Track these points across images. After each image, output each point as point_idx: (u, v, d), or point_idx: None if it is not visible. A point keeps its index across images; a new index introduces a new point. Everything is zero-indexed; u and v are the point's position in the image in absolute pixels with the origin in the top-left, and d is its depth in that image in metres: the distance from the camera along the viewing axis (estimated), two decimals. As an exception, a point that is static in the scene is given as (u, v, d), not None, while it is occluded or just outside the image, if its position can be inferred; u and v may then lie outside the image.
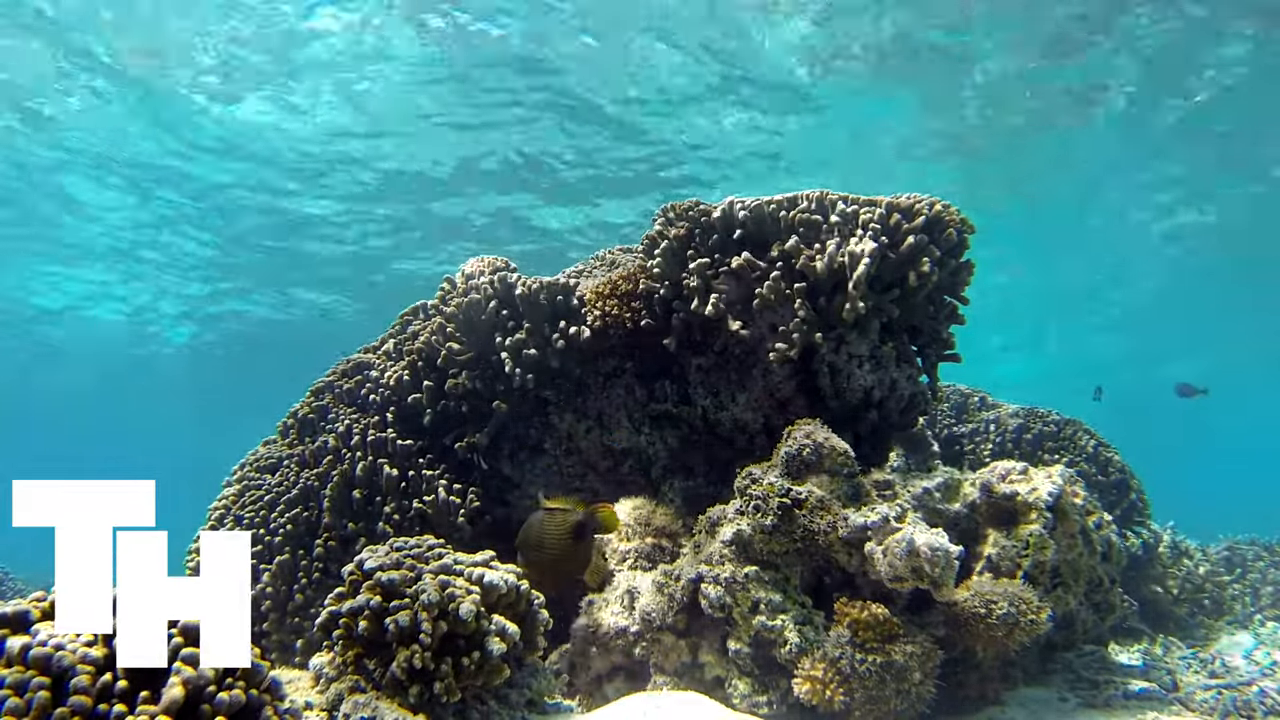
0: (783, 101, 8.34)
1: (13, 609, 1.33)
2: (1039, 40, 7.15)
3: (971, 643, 2.27)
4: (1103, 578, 2.83)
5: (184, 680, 1.26)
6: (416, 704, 1.83)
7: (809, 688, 2.12)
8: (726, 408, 2.89)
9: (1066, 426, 4.21)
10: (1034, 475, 2.60)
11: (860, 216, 2.62)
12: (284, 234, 11.61)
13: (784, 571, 2.34)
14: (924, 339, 2.95)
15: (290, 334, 15.55)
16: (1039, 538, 2.46)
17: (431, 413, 3.05)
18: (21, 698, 1.17)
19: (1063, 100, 8.14)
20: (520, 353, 2.89)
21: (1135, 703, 2.57)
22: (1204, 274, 12.56)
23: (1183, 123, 8.39)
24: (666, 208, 3.02)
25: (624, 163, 9.59)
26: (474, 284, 3.16)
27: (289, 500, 2.95)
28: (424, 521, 2.81)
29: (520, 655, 2.12)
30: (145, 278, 13.13)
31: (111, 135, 8.77)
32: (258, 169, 9.65)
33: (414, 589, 1.91)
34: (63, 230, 11.23)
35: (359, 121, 8.62)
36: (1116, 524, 3.46)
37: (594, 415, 3.05)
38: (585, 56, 7.48)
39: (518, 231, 11.43)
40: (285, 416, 3.54)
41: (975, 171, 9.70)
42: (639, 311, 2.94)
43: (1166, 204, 10.73)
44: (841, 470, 2.40)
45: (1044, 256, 12.59)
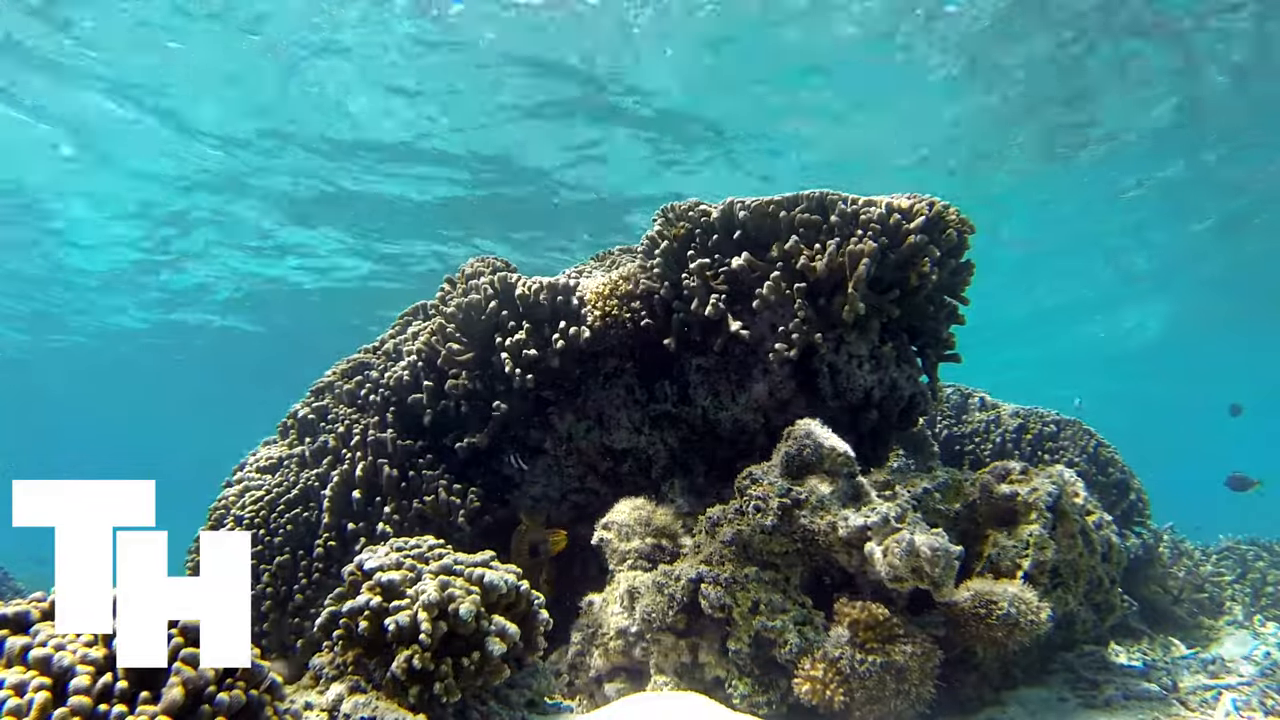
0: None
1: (13, 609, 1.33)
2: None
3: (971, 643, 2.27)
4: (1103, 578, 2.83)
5: (184, 680, 1.26)
6: (416, 704, 1.83)
7: (809, 688, 2.12)
8: (726, 408, 2.89)
9: (1066, 427, 4.21)
10: (1034, 475, 2.60)
11: (860, 217, 2.62)
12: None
13: (784, 571, 2.34)
14: (924, 339, 2.95)
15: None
16: (1039, 538, 2.46)
17: (431, 413, 3.04)
18: (22, 698, 1.17)
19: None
20: (520, 353, 2.89)
21: (1135, 703, 2.57)
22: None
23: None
24: (666, 208, 3.02)
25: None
26: (474, 284, 3.16)
27: (289, 500, 2.95)
28: (424, 521, 2.81)
29: (520, 655, 2.12)
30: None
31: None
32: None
33: (414, 589, 1.91)
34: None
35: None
36: (1116, 524, 3.46)
37: (594, 415, 3.05)
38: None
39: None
40: (285, 417, 3.54)
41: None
42: (639, 312, 2.94)
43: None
44: (841, 470, 2.40)
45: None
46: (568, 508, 3.15)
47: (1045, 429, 4.20)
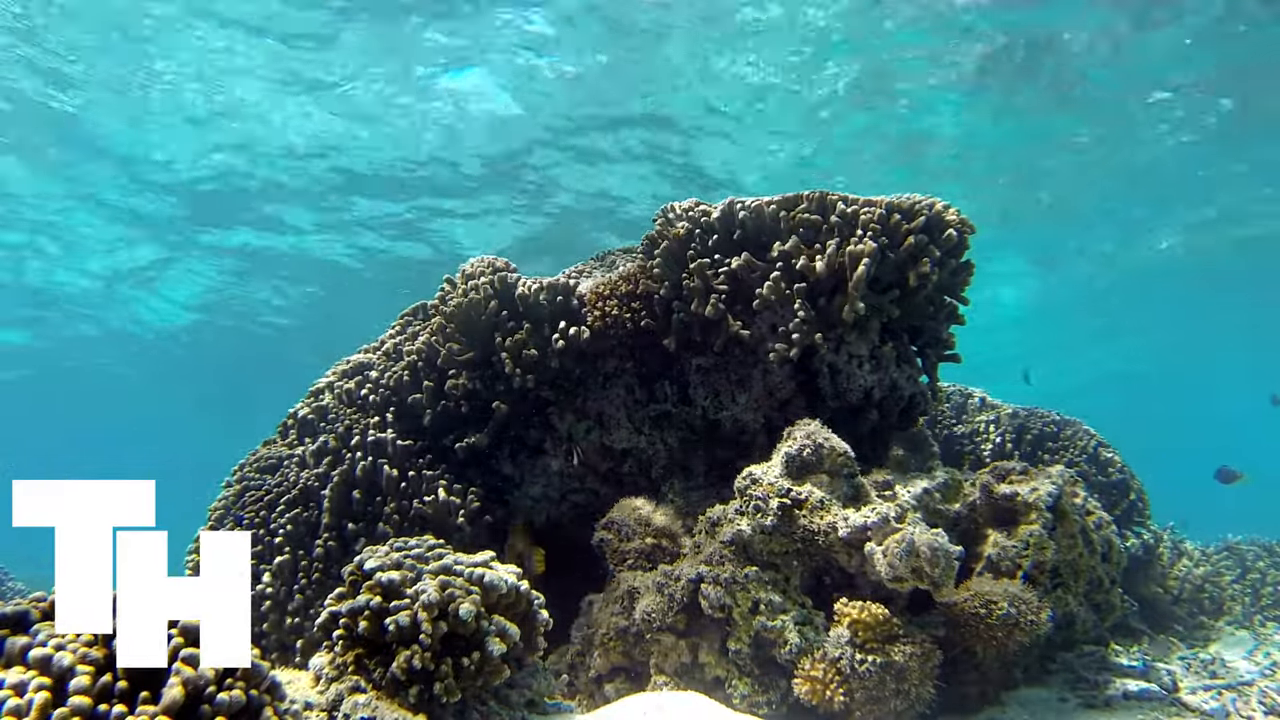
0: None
1: (13, 609, 1.33)
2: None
3: (971, 643, 2.27)
4: (1103, 578, 2.83)
5: (184, 680, 1.26)
6: (416, 704, 1.83)
7: (809, 688, 2.12)
8: (726, 408, 2.89)
9: (1066, 427, 4.21)
10: (1034, 475, 2.60)
11: (860, 217, 2.62)
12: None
13: (784, 572, 2.34)
14: (924, 339, 2.95)
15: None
16: (1039, 538, 2.46)
17: (431, 413, 3.04)
18: (22, 698, 1.17)
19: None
20: (520, 353, 2.89)
21: (1135, 703, 2.57)
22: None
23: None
24: (666, 208, 3.02)
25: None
26: (474, 284, 3.15)
27: (289, 500, 2.94)
28: (424, 521, 2.81)
29: (520, 655, 2.12)
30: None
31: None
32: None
33: (414, 589, 1.91)
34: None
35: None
36: (1116, 524, 3.46)
37: (594, 415, 3.05)
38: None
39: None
40: (285, 417, 3.54)
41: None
42: (639, 312, 2.93)
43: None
44: (842, 470, 2.40)
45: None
46: (568, 508, 3.15)
47: (1045, 429, 4.20)
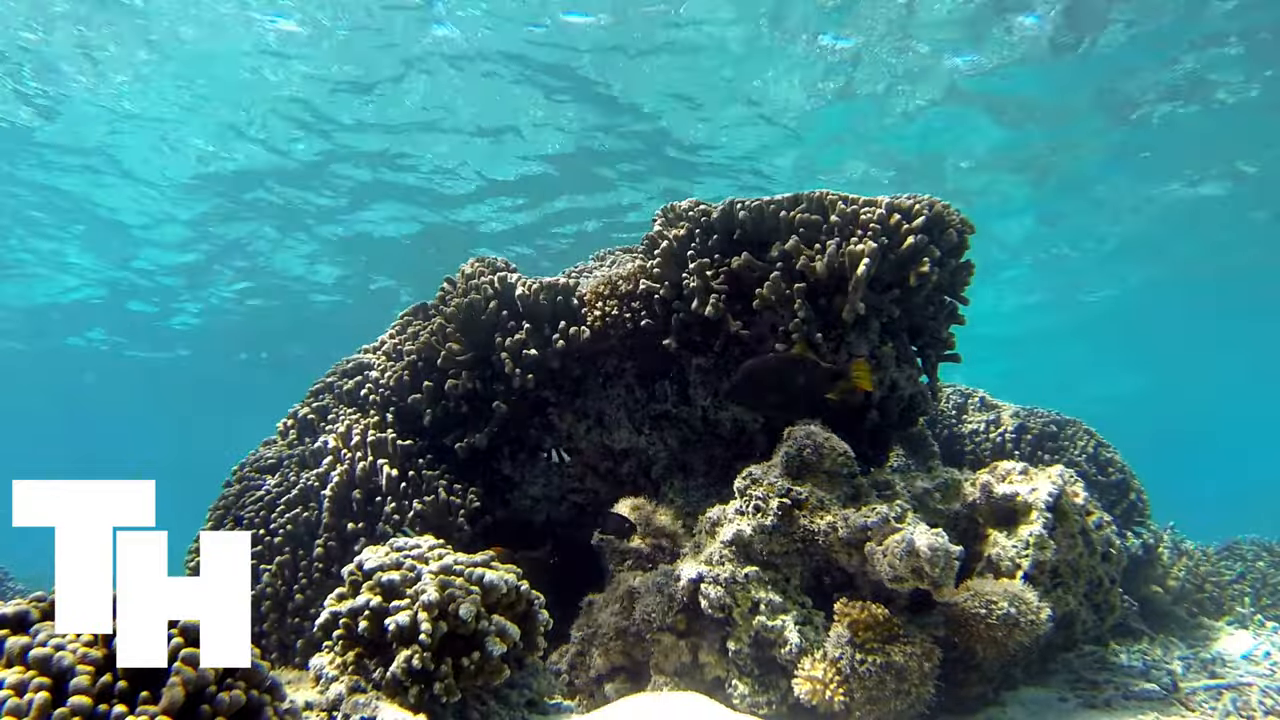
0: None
1: (13, 609, 1.33)
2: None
3: (971, 643, 2.27)
4: (1103, 578, 2.83)
5: (184, 680, 1.26)
6: (416, 704, 1.83)
7: (809, 688, 2.12)
8: (726, 408, 2.89)
9: (1066, 426, 4.21)
10: (1034, 475, 2.60)
11: (860, 217, 2.62)
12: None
13: (784, 572, 2.34)
14: (924, 339, 2.95)
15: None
16: (1039, 538, 2.46)
17: (431, 413, 3.04)
18: (21, 698, 1.17)
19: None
20: (520, 353, 2.89)
21: (1135, 703, 2.57)
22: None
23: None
24: (666, 208, 3.02)
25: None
26: (474, 284, 3.15)
27: (289, 500, 2.95)
28: (424, 522, 2.81)
29: (520, 655, 2.12)
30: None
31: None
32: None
33: (414, 589, 1.91)
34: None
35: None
36: (1116, 524, 3.46)
37: (594, 415, 3.05)
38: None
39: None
40: (285, 417, 3.54)
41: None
42: (639, 312, 2.93)
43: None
44: (841, 470, 2.40)
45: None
46: (567, 507, 3.15)
47: (1045, 429, 4.20)
